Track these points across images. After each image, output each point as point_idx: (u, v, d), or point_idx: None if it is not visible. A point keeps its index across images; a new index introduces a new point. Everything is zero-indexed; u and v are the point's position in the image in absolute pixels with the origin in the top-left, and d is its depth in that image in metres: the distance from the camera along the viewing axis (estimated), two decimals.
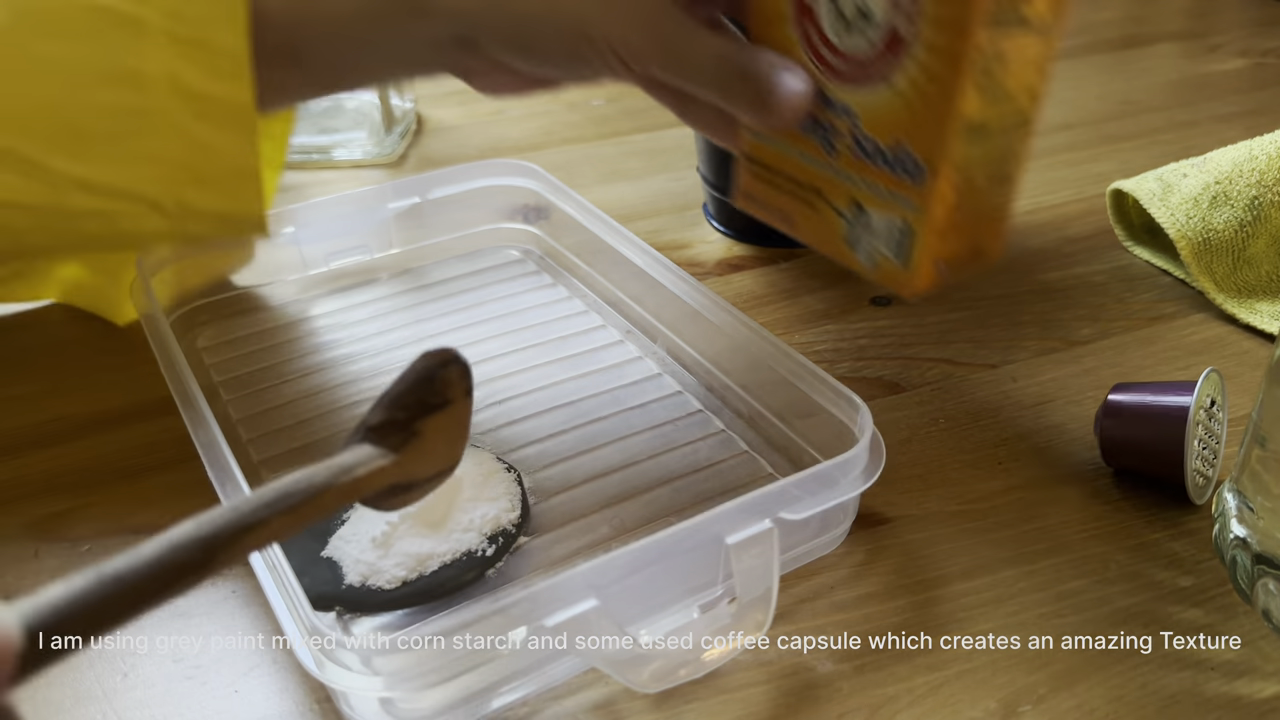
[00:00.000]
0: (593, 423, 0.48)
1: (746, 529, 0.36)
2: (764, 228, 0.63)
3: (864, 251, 0.44)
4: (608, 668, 0.33)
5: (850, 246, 0.44)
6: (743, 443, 0.46)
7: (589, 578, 0.34)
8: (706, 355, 0.49)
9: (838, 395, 0.42)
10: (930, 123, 0.40)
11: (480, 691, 0.35)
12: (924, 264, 0.42)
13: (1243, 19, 0.98)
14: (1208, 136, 0.75)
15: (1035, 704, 0.35)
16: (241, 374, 0.51)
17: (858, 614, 0.39)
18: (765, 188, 0.47)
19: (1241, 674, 0.37)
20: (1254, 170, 0.57)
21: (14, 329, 0.55)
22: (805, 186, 0.45)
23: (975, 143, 0.41)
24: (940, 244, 0.42)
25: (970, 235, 0.43)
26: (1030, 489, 0.44)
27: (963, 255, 0.44)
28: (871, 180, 0.42)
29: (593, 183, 0.70)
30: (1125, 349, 0.53)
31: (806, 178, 0.45)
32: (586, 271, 0.57)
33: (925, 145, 0.40)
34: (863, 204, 0.43)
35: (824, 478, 0.38)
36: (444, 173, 0.59)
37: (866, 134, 0.42)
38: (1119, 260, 0.61)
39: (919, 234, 0.42)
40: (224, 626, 0.38)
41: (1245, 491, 0.39)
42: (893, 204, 0.42)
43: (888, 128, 0.41)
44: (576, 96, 0.82)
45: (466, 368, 0.33)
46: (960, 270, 0.43)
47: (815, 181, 0.45)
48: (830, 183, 0.44)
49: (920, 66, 0.40)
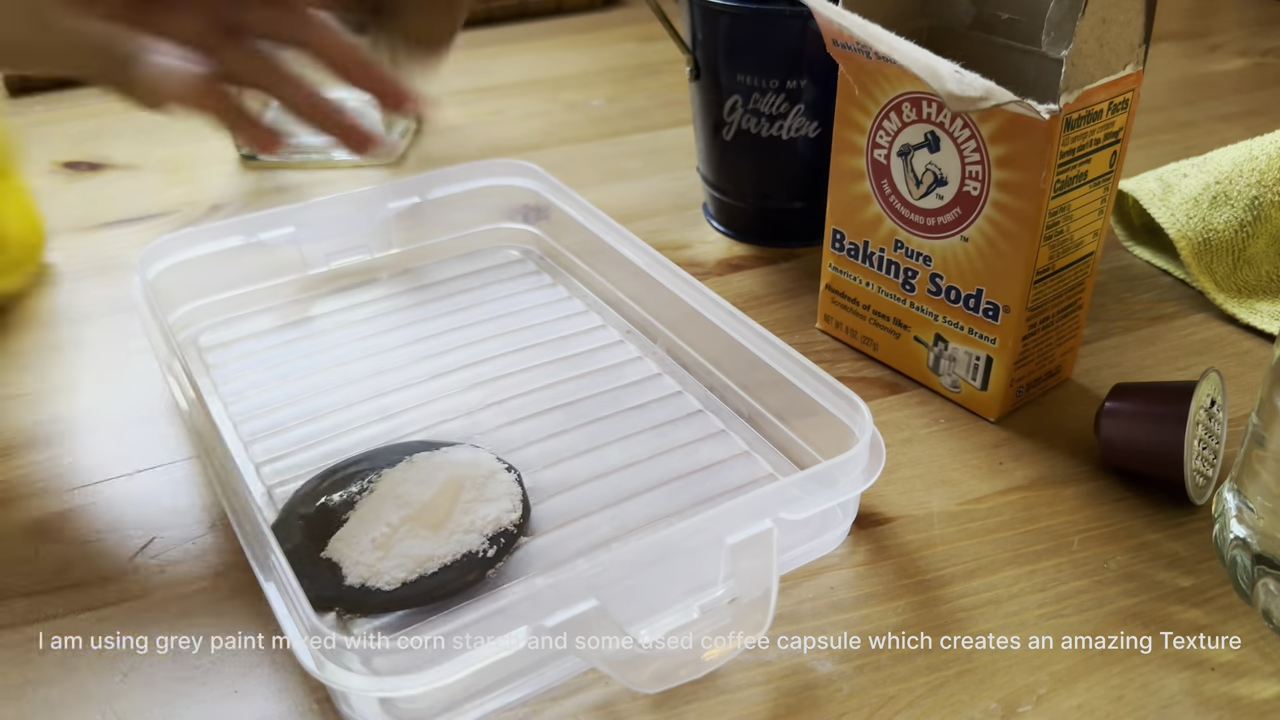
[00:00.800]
0: (593, 423, 0.48)
1: (746, 529, 0.36)
2: (763, 228, 0.64)
3: (947, 377, 0.49)
4: (608, 668, 0.33)
5: (934, 371, 0.49)
6: (742, 442, 0.46)
7: (589, 578, 0.34)
8: (706, 355, 0.49)
9: (838, 395, 0.41)
10: (1005, 274, 0.45)
11: (480, 691, 0.35)
12: (1002, 388, 0.47)
13: (1243, 19, 0.98)
14: (1208, 136, 0.75)
15: (1035, 704, 0.35)
16: (241, 374, 0.51)
17: (858, 614, 0.39)
18: (847, 315, 0.52)
19: (1241, 674, 0.37)
20: (1254, 170, 0.57)
21: (14, 329, 0.55)
22: (888, 318, 0.50)
23: (1046, 285, 0.46)
24: (1017, 371, 0.47)
25: (1044, 359, 0.49)
26: (1030, 489, 0.44)
27: (1038, 376, 0.49)
28: (952, 317, 0.47)
29: (593, 182, 0.70)
30: (1125, 349, 0.53)
31: (889, 310, 0.50)
32: (586, 271, 0.57)
33: (1001, 292, 0.45)
34: (945, 337, 0.48)
35: (824, 478, 0.38)
36: (444, 172, 0.59)
37: (944, 278, 0.47)
38: (1119, 260, 0.61)
39: (997, 364, 0.47)
40: (224, 626, 0.38)
41: (1245, 491, 0.39)
42: (972, 339, 0.47)
43: (965, 276, 0.46)
44: (576, 96, 0.82)
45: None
46: (1036, 389, 0.49)
47: (898, 314, 0.50)
48: (912, 316, 0.49)
49: (993, 225, 0.44)
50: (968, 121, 0.43)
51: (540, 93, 0.83)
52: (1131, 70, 0.43)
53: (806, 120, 0.57)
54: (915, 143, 0.45)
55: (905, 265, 0.48)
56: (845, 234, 0.50)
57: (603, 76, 0.86)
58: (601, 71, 0.87)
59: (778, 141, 0.58)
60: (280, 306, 0.56)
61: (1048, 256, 0.44)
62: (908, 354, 0.50)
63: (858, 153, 0.48)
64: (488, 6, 0.97)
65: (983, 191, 0.44)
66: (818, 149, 0.58)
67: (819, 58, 0.55)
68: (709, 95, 0.59)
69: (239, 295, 0.55)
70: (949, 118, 0.44)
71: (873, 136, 0.47)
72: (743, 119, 0.58)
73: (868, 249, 0.49)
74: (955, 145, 0.44)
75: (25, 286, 0.58)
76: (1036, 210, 0.43)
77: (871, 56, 0.45)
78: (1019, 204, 0.43)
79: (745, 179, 0.61)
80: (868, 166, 0.48)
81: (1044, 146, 0.41)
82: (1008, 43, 0.47)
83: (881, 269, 0.49)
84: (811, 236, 0.62)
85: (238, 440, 0.47)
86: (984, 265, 0.45)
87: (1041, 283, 0.45)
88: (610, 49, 0.91)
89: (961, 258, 0.46)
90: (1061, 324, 0.48)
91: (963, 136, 0.43)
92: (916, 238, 0.47)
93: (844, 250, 0.51)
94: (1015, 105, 0.40)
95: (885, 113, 0.46)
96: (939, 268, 0.47)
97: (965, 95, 0.40)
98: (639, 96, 0.81)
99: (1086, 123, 0.42)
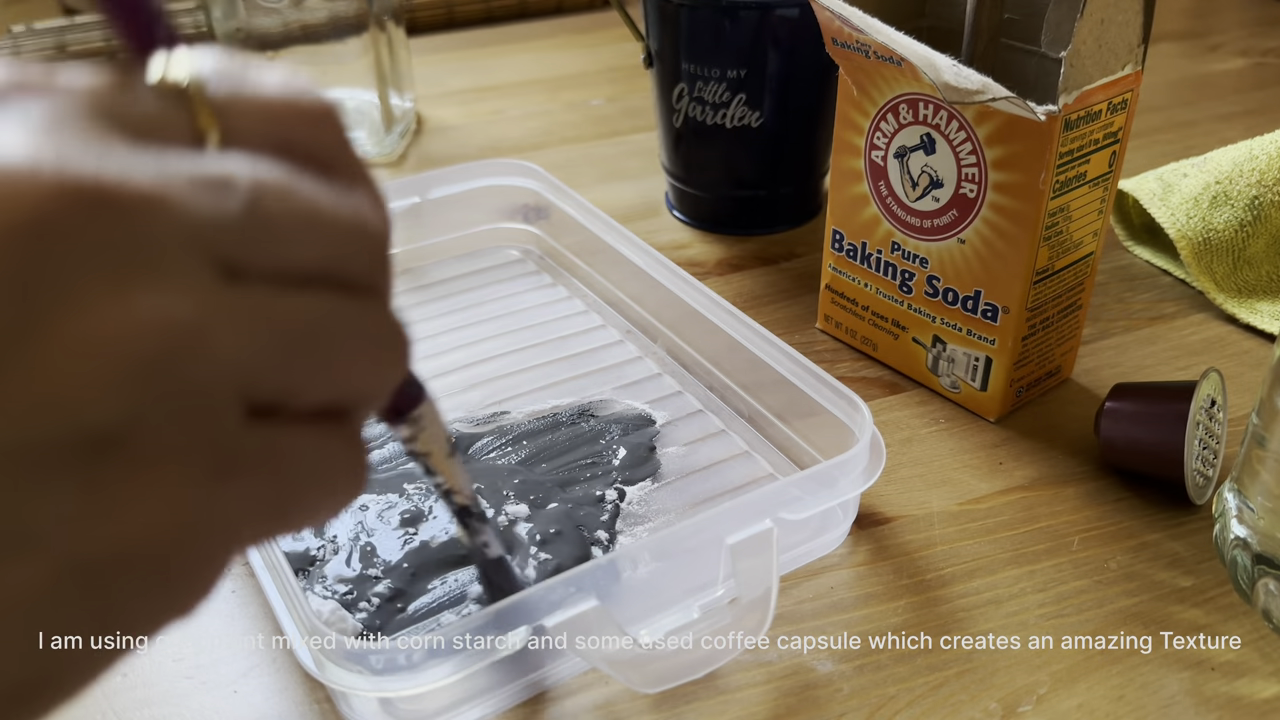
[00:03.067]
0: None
1: (746, 529, 0.36)
2: (722, 216, 0.65)
3: (946, 378, 0.49)
4: (608, 668, 0.33)
5: (933, 372, 0.50)
6: (742, 442, 0.46)
7: (589, 577, 0.34)
8: (706, 355, 0.49)
9: (838, 395, 0.41)
10: (1004, 275, 0.45)
11: (480, 691, 0.35)
12: (1002, 389, 0.47)
13: (1243, 19, 0.98)
14: (1208, 136, 0.75)
15: (1035, 704, 0.35)
16: None
17: (858, 614, 0.39)
18: (846, 315, 0.53)
19: (1241, 674, 0.37)
20: (1254, 170, 0.57)
21: None
22: (887, 319, 0.51)
23: (1046, 285, 0.46)
24: (1017, 371, 0.47)
25: (1044, 359, 0.49)
26: (1030, 489, 0.44)
27: (1038, 376, 0.49)
28: (949, 319, 0.48)
29: (593, 182, 0.70)
30: (1125, 349, 0.53)
31: (887, 311, 0.50)
32: (586, 271, 0.57)
33: (1000, 293, 0.45)
34: (943, 338, 0.48)
35: (824, 478, 0.38)
36: (443, 172, 0.59)
37: (941, 280, 0.47)
38: (1119, 260, 0.61)
39: (996, 364, 0.47)
40: (224, 626, 0.38)
41: (1245, 491, 0.39)
42: (970, 340, 0.47)
43: (962, 277, 0.46)
44: (576, 96, 0.82)
45: None
46: (1036, 389, 0.49)
47: (896, 315, 0.50)
48: (910, 318, 0.49)
49: (991, 227, 0.44)
50: (963, 123, 0.43)
51: (540, 93, 0.83)
52: (1130, 70, 0.43)
53: (748, 110, 0.58)
54: (911, 145, 0.45)
55: (902, 267, 0.48)
56: (844, 235, 0.50)
57: (603, 76, 0.86)
58: (601, 71, 0.87)
59: (721, 129, 0.59)
60: None
61: (1047, 257, 0.44)
62: (907, 355, 0.50)
63: (856, 154, 0.48)
64: (488, 6, 0.97)
65: (979, 194, 0.44)
66: (761, 138, 0.59)
67: (761, 49, 0.57)
68: (662, 83, 0.61)
69: None
70: (945, 119, 0.44)
71: (870, 138, 0.47)
72: (690, 107, 0.59)
73: (865, 250, 0.50)
74: (951, 147, 0.44)
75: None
76: (1036, 211, 0.42)
77: (870, 56, 0.44)
78: (1017, 205, 0.43)
79: (695, 166, 0.62)
80: (865, 168, 0.48)
81: (1043, 148, 0.41)
82: (1008, 42, 0.47)
83: (880, 270, 0.49)
84: (763, 224, 0.63)
85: None
86: (981, 267, 0.45)
87: (1041, 283, 0.45)
88: (610, 49, 0.91)
89: (959, 260, 0.46)
90: (1061, 324, 0.48)
91: (959, 139, 0.43)
92: (913, 239, 0.47)
93: (843, 251, 0.51)
94: (1011, 104, 0.40)
95: (883, 114, 0.46)
96: (936, 270, 0.47)
97: (962, 87, 0.40)
98: (639, 96, 0.81)
99: (1085, 123, 0.42)
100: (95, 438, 0.15)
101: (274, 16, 0.68)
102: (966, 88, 0.40)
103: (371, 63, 0.70)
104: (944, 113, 0.43)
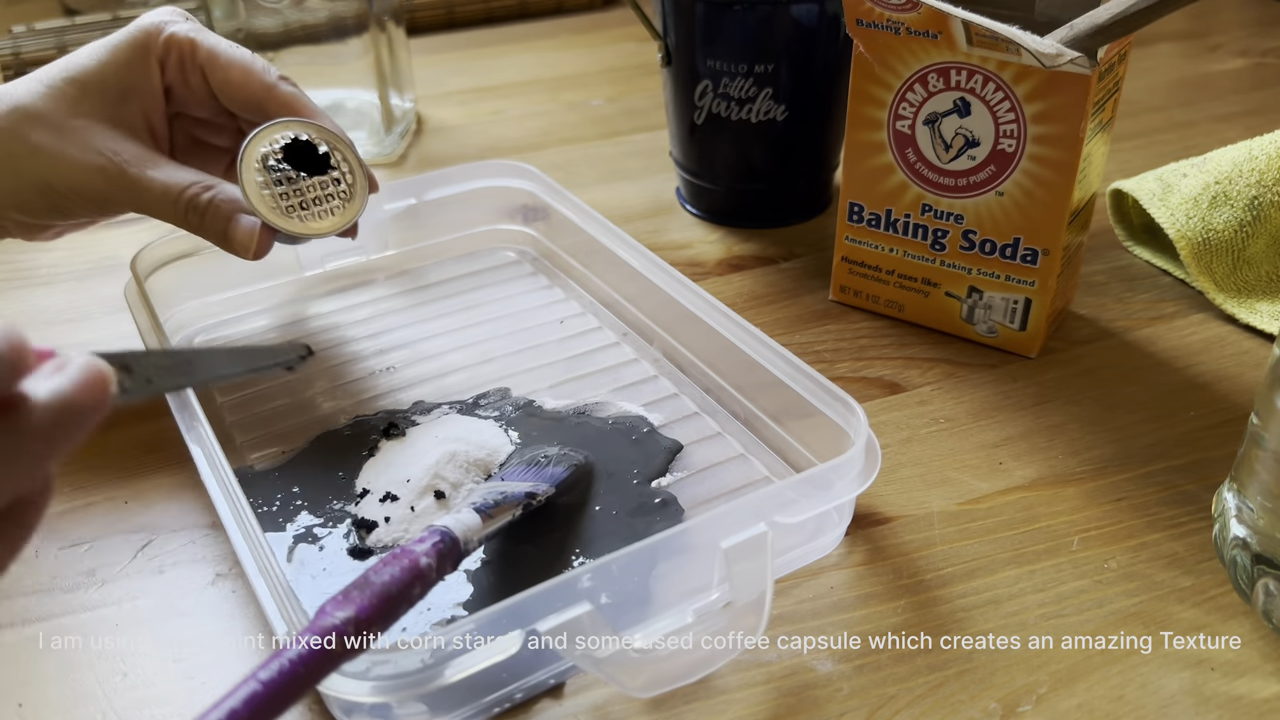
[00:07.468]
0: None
1: (741, 532, 0.36)
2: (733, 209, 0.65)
3: (983, 325, 0.52)
4: (602, 672, 0.33)
5: (968, 322, 0.52)
6: (738, 445, 0.46)
7: (584, 581, 0.34)
8: (702, 357, 0.49)
9: (833, 398, 0.41)
10: (1044, 221, 0.48)
11: (478, 693, 0.35)
12: (1041, 326, 0.50)
13: (1243, 19, 0.98)
14: (1208, 136, 0.75)
15: (1035, 704, 0.35)
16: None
17: (858, 614, 0.39)
18: (867, 283, 0.55)
19: (1241, 674, 0.36)
20: (1254, 170, 0.57)
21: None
22: (915, 279, 0.53)
23: (1076, 224, 0.50)
24: (1051, 306, 0.50)
25: (1064, 293, 0.52)
26: (1030, 489, 0.44)
27: (1060, 309, 0.53)
28: (987, 268, 0.50)
29: (592, 182, 0.70)
30: (1125, 349, 0.53)
31: (916, 272, 0.53)
32: (583, 273, 0.57)
33: (1041, 238, 0.49)
34: (979, 288, 0.51)
35: (819, 481, 0.38)
36: (440, 174, 0.59)
37: (978, 233, 0.50)
38: (1119, 260, 0.60)
39: (1036, 304, 0.50)
40: (224, 626, 0.38)
41: (1245, 491, 0.39)
42: (1010, 284, 0.50)
43: (1000, 228, 0.49)
44: (576, 96, 0.82)
45: None
46: (1057, 320, 0.53)
47: (926, 274, 0.52)
48: (943, 274, 0.52)
49: (1030, 177, 0.48)
50: (1000, 84, 0.46)
51: (540, 93, 0.83)
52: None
53: (774, 104, 0.59)
54: (944, 110, 0.48)
55: (935, 226, 0.51)
56: (864, 206, 0.53)
57: (603, 76, 0.86)
58: (601, 71, 0.87)
59: (747, 124, 0.60)
60: (277, 308, 0.56)
61: (1077, 198, 0.48)
62: (939, 309, 0.53)
63: (877, 126, 0.50)
64: (488, 6, 0.97)
65: (1018, 147, 0.47)
66: (786, 131, 0.60)
67: (787, 43, 0.57)
68: (681, 80, 0.61)
69: (236, 296, 0.55)
70: (981, 82, 0.46)
71: (894, 109, 0.49)
72: (713, 103, 0.60)
73: (890, 217, 0.52)
74: (988, 108, 0.47)
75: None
76: (1074, 158, 0.46)
77: (901, 33, 0.47)
78: (1057, 154, 0.46)
79: (716, 162, 0.63)
80: (890, 138, 0.50)
81: (1083, 98, 0.45)
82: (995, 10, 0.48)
83: (908, 234, 0.52)
84: (780, 218, 0.64)
85: (232, 442, 0.47)
86: (1021, 215, 0.48)
87: (1073, 223, 0.49)
88: (610, 49, 0.91)
89: (997, 211, 0.49)
90: (1076, 256, 0.52)
91: (996, 99, 0.47)
92: (946, 199, 0.50)
93: (863, 221, 0.53)
94: (1075, 65, 0.43)
95: (909, 84, 0.48)
96: (972, 224, 0.50)
97: (1049, 53, 0.43)
98: (639, 96, 0.81)
99: (1107, 74, 0.46)
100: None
101: (274, 17, 0.68)
102: (1052, 53, 0.43)
103: (371, 63, 0.70)
104: (979, 76, 0.46)
